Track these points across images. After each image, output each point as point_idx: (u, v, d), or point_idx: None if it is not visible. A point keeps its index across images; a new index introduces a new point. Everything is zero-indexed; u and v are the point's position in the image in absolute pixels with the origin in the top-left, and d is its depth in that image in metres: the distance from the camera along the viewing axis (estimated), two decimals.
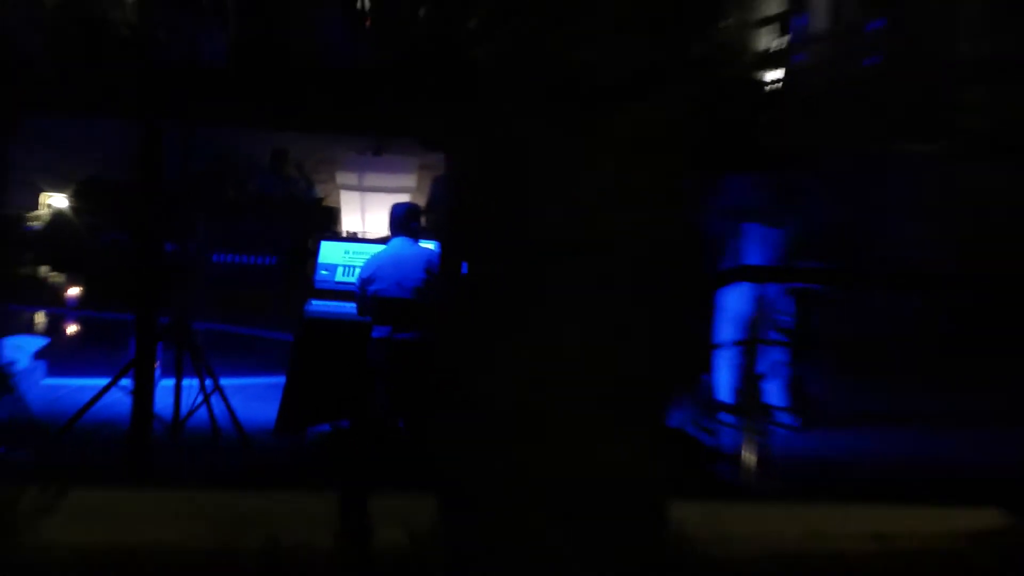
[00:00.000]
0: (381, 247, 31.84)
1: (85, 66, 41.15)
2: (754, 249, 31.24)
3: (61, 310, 34.72)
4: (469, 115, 14.14)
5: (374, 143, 39.00)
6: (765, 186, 31.80)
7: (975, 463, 30.23)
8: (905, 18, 49.91)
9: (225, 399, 29.41)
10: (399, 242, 30.14)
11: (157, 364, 28.76)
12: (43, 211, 38.58)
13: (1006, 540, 23.86)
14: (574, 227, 13.22)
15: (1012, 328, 38.16)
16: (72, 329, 33.92)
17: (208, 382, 29.42)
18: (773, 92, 44.90)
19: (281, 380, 30.69)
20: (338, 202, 39.18)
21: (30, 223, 38.16)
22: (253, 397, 31.08)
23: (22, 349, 30.20)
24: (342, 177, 41.84)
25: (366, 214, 36.06)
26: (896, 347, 38.12)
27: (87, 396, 29.65)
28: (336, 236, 37.40)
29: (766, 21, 47.04)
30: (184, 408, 29.62)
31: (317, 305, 32.01)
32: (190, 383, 29.84)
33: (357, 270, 31.62)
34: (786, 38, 44.83)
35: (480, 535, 13.63)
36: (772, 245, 31.52)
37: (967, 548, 23.75)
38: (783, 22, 45.73)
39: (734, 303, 30.86)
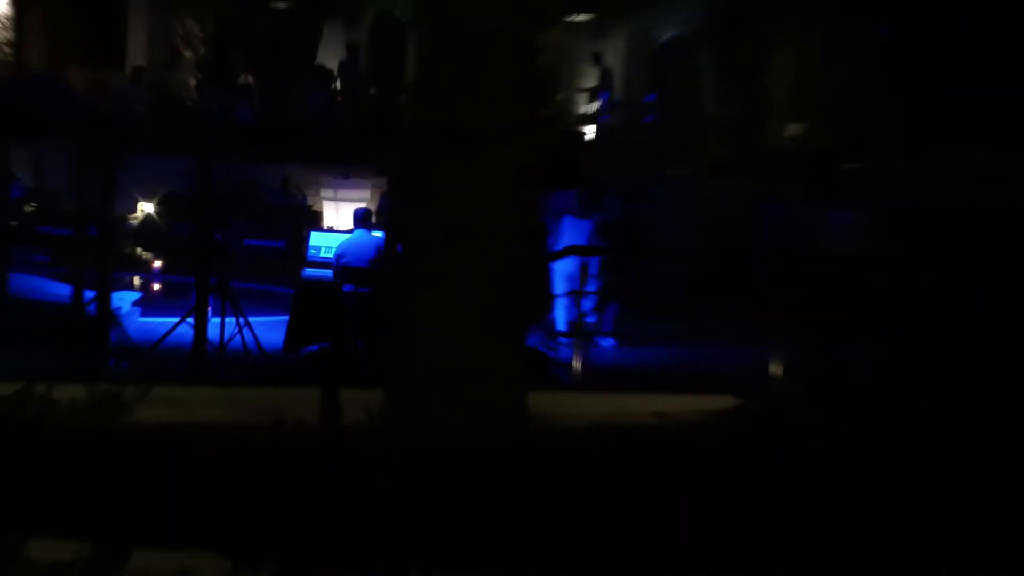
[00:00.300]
0: (348, 235, 34.42)
1: (166, 121, 43.05)
2: (572, 234, 32.71)
3: (149, 275, 36.23)
4: (398, 155, 16.05)
5: (344, 171, 40.92)
6: (582, 196, 31.87)
7: (717, 366, 31.18)
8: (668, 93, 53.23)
9: (252, 330, 31.68)
10: (359, 232, 33.23)
11: (209, 308, 30.44)
12: (139, 213, 40.01)
13: (737, 412, 23.54)
14: (462, 221, 14.53)
15: (731, 283, 37.55)
16: (156, 287, 35.40)
17: (241, 320, 31.66)
18: (589, 139, 46.55)
19: (286, 318, 32.71)
20: (321, 208, 40.46)
21: (130, 221, 39.52)
22: (269, 329, 32.74)
23: (124, 300, 33.36)
24: (324, 192, 43.18)
25: (338, 215, 38.03)
26: (662, 295, 37.12)
27: (165, 329, 31.64)
28: (320, 228, 38.92)
29: (585, 94, 47.77)
30: (226, 336, 31.64)
31: (309, 272, 34.06)
32: (230, 320, 31.88)
33: (333, 249, 33.36)
34: (596, 105, 46.40)
35: (403, 410, 17.62)
36: (584, 232, 32.71)
37: (713, 418, 22.88)
38: (594, 95, 47.29)
39: (565, 267, 32.94)
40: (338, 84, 52.96)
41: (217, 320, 31.11)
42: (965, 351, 26.63)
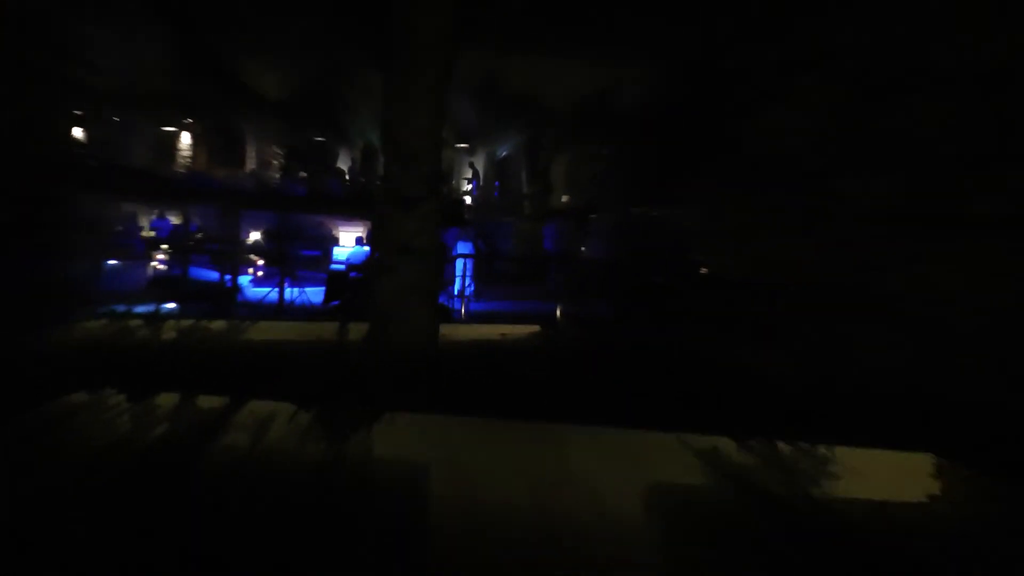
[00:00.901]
0: (351, 248, 34.45)
1: (262, 194, 42.26)
2: (459, 248, 32.21)
3: (256, 268, 35.48)
4: (375, 209, 16.28)
5: (349, 217, 40.25)
6: (463, 230, 32.03)
7: (530, 312, 28.81)
8: (504, 180, 51.65)
9: (306, 295, 30.75)
10: (357, 247, 33.76)
11: (286, 283, 30.26)
12: (250, 238, 38.96)
13: (540, 333, 23.33)
14: (404, 241, 16.01)
15: (537, 271, 38.45)
16: (259, 274, 34.62)
17: (300, 289, 31.14)
18: (466, 202, 44.92)
19: (322, 288, 31.19)
20: (338, 234, 39.66)
21: (247, 241, 38.77)
22: (314, 294, 30.97)
23: (244, 279, 33.48)
24: (340, 227, 41.24)
25: (346, 239, 37.73)
26: (502, 277, 37.11)
27: (264, 295, 31.14)
28: (337, 245, 37.51)
29: (464, 180, 46.90)
30: (293, 296, 30.89)
31: (332, 266, 32.69)
32: (295, 289, 31.37)
33: (344, 255, 33.24)
34: (470, 185, 44.84)
35: (376, 332, 17.22)
36: (465, 247, 32.50)
37: (528, 335, 23.07)
38: (468, 181, 47.97)
39: (456, 264, 31.63)
40: (347, 177, 52.78)
41: (288, 289, 30.78)
42: (650, 304, 26.90)
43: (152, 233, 37.91)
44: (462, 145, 54.63)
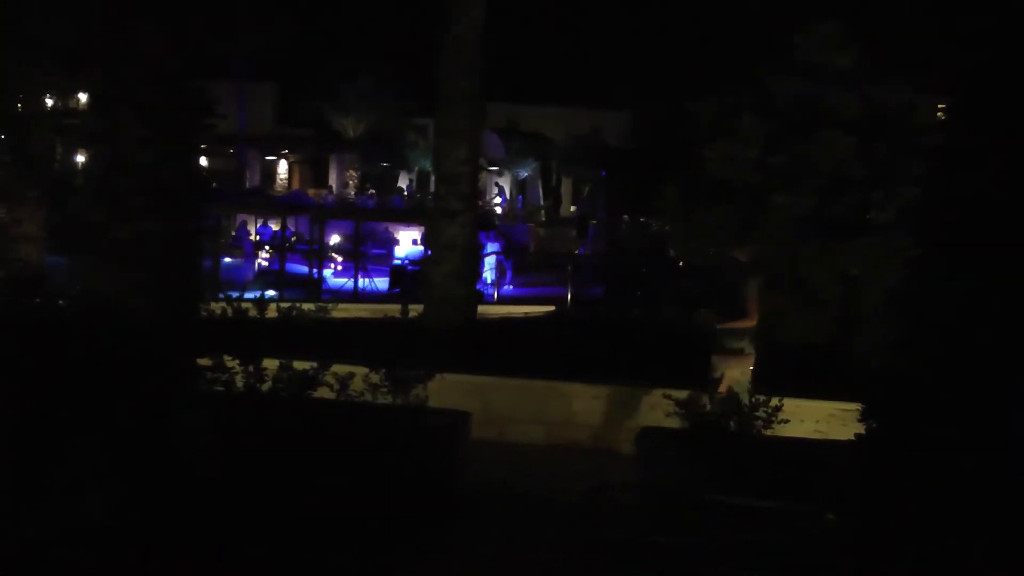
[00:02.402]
0: (410, 247, 33.93)
1: (341, 208, 40.60)
2: (491, 245, 30.83)
3: (336, 263, 34.30)
4: (426, 218, 14.88)
5: (407, 223, 38.16)
6: (495, 232, 31.45)
7: (548, 295, 28.21)
8: (524, 196, 50.15)
9: (374, 283, 30.16)
10: (414, 247, 32.84)
11: (359, 274, 29.71)
12: (332, 240, 37.57)
13: (555, 312, 23.14)
14: (448, 242, 15.48)
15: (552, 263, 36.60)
16: (339, 267, 33.25)
17: (371, 278, 30.49)
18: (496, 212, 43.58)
19: (387, 278, 30.74)
20: (399, 236, 37.15)
21: (329, 243, 37.37)
22: (383, 283, 30.25)
23: (327, 272, 32.20)
24: (400, 231, 37.35)
25: (404, 239, 35.98)
26: (526, 267, 36.30)
27: (344, 284, 30.22)
28: (397, 244, 35.70)
29: (493, 195, 44.87)
30: (366, 284, 30.07)
31: (394, 261, 32.66)
32: (368, 279, 30.45)
33: (405, 252, 33.33)
34: (497, 199, 43.17)
35: (428, 310, 17.55)
36: (495, 244, 31.33)
37: (547, 314, 22.56)
38: (495, 196, 44.77)
39: (489, 258, 30.11)
40: (406, 193, 52.59)
41: (361, 279, 29.87)
42: (637, 288, 25.94)
43: (258, 237, 37.28)
44: (492, 168, 54.46)
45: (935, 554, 6.17)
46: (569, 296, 27.19)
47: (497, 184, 56.99)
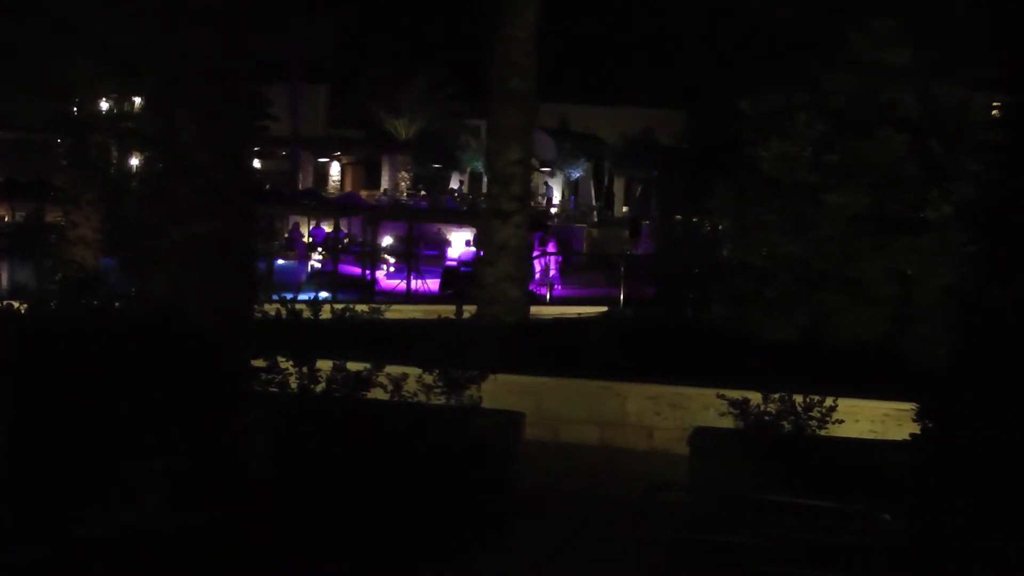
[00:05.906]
0: (462, 247, 34.34)
1: (395, 209, 40.83)
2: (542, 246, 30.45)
3: (388, 265, 34.63)
4: (478, 219, 14.68)
5: (459, 224, 38.05)
6: (546, 233, 31.04)
7: (600, 296, 28.09)
8: (577, 195, 49.89)
9: (427, 284, 30.47)
10: (466, 248, 32.78)
11: (412, 276, 29.91)
12: (383, 241, 37.66)
13: (607, 312, 22.40)
14: (501, 243, 14.94)
15: (604, 265, 36.30)
16: (392, 269, 33.49)
17: (423, 279, 30.72)
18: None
19: (439, 279, 31.03)
20: (451, 238, 37.22)
21: (381, 244, 37.54)
22: (433, 284, 30.59)
23: (380, 274, 32.40)
24: (451, 232, 38.58)
25: (456, 241, 36.11)
26: (577, 269, 35.95)
27: (396, 286, 30.52)
28: (449, 245, 36.64)
29: (542, 196, 44.65)
30: (418, 286, 30.39)
31: (446, 263, 33.49)
32: (420, 280, 30.71)
33: (456, 253, 34.02)
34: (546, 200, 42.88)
35: (482, 311, 17.60)
36: (547, 246, 31.12)
37: (600, 315, 21.80)
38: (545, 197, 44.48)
39: (543, 260, 30.63)
40: (458, 195, 52.85)
41: (414, 280, 30.13)
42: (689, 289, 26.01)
43: (311, 238, 37.72)
44: (545, 169, 54.46)
45: (991, 555, 6.09)
46: (622, 296, 26.88)
47: (546, 184, 56.99)
